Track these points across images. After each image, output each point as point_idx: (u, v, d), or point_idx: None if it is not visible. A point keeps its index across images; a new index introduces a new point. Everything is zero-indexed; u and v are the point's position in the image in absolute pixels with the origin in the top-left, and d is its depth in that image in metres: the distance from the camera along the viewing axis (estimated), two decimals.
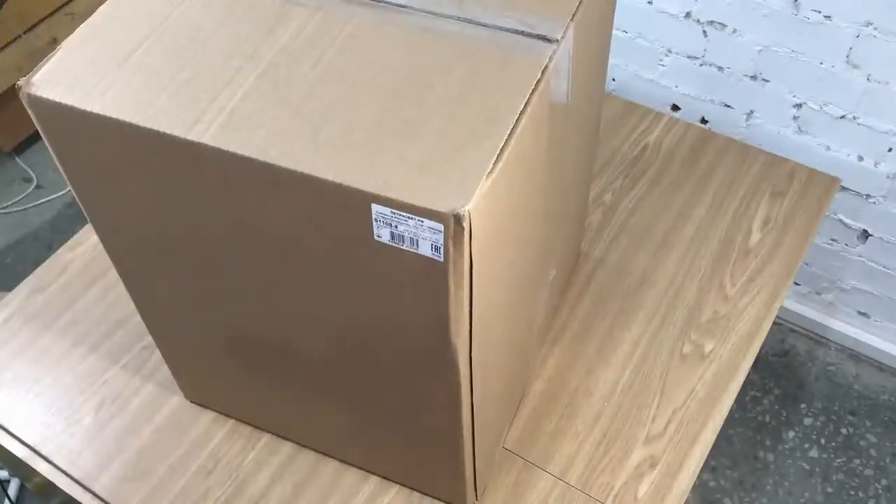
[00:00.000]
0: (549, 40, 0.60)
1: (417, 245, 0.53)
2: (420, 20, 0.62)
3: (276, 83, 0.59)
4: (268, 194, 0.57)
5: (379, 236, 0.54)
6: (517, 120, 0.55)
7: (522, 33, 0.61)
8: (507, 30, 0.61)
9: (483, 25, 0.61)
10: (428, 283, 0.55)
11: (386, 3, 0.63)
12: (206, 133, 0.56)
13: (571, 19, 0.62)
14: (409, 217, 0.52)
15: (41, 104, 0.60)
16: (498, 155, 0.54)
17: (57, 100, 0.59)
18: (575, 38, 0.63)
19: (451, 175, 0.52)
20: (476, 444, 0.77)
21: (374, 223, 0.54)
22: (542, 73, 0.58)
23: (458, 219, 0.50)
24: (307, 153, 0.54)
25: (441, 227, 0.51)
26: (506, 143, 0.54)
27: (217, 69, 0.60)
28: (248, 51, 0.61)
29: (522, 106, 0.56)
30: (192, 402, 0.96)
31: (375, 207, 0.53)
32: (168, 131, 0.56)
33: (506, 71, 0.58)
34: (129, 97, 0.58)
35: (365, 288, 0.61)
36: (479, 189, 0.52)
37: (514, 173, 0.57)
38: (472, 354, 0.63)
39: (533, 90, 0.57)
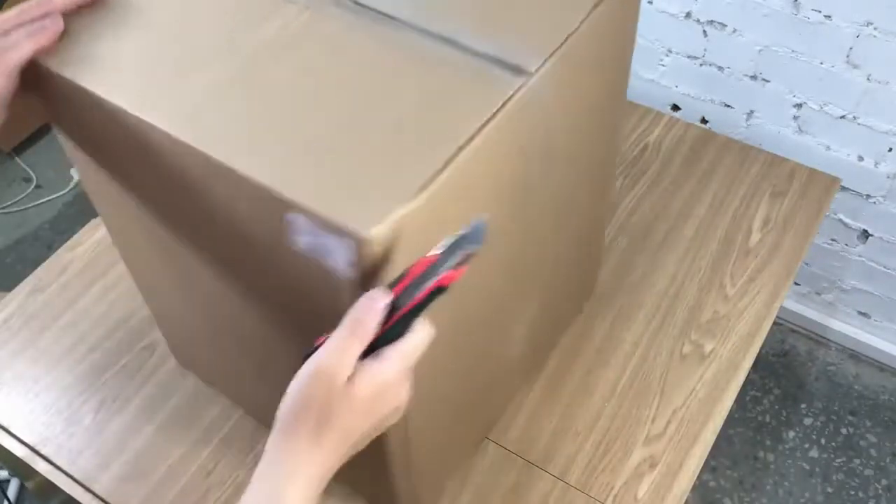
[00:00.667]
0: (521, 72, 0.57)
1: (330, 258, 0.52)
2: (400, 35, 0.61)
3: (242, 80, 0.59)
4: (208, 183, 0.57)
5: (293, 243, 0.53)
6: (459, 149, 0.53)
7: (497, 61, 0.58)
8: (482, 55, 0.59)
9: (460, 48, 0.59)
10: (341, 299, 0.53)
11: (376, 11, 0.62)
12: (154, 112, 0.56)
13: (551, 55, 0.59)
14: (322, 229, 0.51)
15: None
16: (424, 184, 0.51)
17: (52, 69, 0.60)
18: (562, 72, 0.60)
19: (371, 195, 0.51)
20: (415, 468, 0.75)
21: (289, 229, 0.53)
22: (503, 105, 0.56)
23: (364, 240, 0.49)
24: (241, 149, 0.54)
25: (352, 244, 0.50)
26: (439, 172, 0.52)
27: (189, 58, 0.60)
28: (223, 45, 0.61)
29: (468, 137, 0.54)
30: (205, 382, 0.97)
31: (292, 215, 0.52)
32: (123, 106, 0.57)
33: (464, 98, 0.56)
34: (101, 69, 0.59)
35: (289, 290, 0.60)
36: (394, 214, 0.50)
37: (444, 204, 0.54)
38: None
39: (486, 122, 0.55)
